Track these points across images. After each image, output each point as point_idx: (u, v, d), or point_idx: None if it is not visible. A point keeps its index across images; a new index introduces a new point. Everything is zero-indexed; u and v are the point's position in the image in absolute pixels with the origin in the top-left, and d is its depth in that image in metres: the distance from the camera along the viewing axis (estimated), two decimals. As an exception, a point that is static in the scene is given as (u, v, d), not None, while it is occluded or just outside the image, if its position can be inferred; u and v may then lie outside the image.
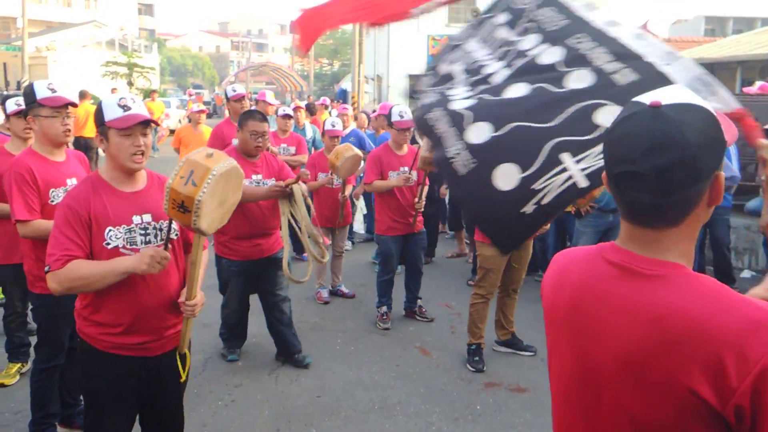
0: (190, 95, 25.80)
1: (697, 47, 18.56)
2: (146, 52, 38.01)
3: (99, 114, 2.23)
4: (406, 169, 4.80)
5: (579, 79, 2.09)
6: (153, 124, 2.30)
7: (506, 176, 2.03)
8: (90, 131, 10.55)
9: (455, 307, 5.47)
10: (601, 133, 1.90)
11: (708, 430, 0.99)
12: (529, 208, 1.97)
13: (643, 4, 22.80)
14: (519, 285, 4.47)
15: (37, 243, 2.94)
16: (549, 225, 4.43)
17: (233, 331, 4.33)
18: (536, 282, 6.09)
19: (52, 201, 2.93)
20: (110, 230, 2.19)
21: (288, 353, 4.26)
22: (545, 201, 1.94)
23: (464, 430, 3.50)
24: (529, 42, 2.36)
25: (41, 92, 2.93)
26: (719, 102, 1.77)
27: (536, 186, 1.96)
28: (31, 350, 3.72)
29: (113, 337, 2.24)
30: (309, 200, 3.94)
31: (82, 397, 2.42)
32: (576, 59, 2.14)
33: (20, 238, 2.99)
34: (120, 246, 2.21)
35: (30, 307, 3.33)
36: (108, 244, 2.19)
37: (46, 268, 2.13)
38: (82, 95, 11.28)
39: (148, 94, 17.75)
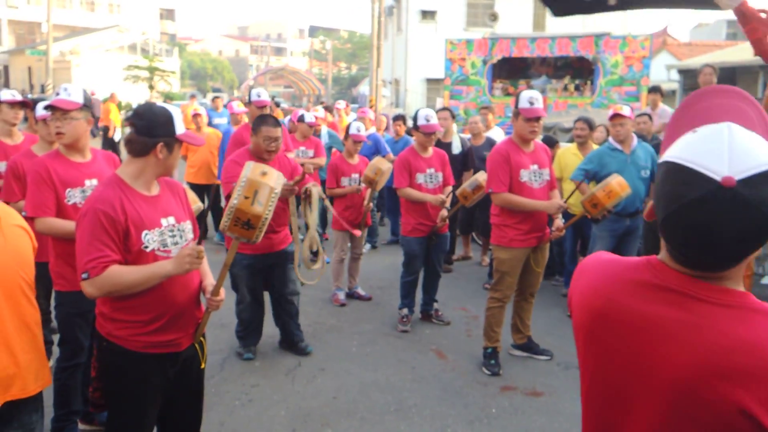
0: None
1: (718, 51, 18.36)
2: (167, 56, 38.57)
3: (169, 126, 2.28)
4: (441, 197, 4.80)
5: None
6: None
7: None
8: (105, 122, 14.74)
9: (471, 311, 5.46)
10: None
11: None
12: None
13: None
14: (536, 289, 4.46)
15: (58, 241, 3.02)
16: (564, 231, 4.38)
17: (248, 328, 4.42)
18: (553, 286, 6.06)
19: (68, 200, 3.00)
20: (147, 233, 2.24)
21: (292, 343, 4.52)
22: None
23: (480, 434, 3.50)
24: None
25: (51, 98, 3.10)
26: None
27: None
28: (54, 348, 3.80)
29: (146, 336, 2.28)
30: (327, 202, 3.99)
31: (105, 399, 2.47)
32: None
33: (44, 236, 3.06)
34: (156, 249, 2.26)
35: (54, 304, 3.41)
36: (146, 247, 2.23)
37: (85, 275, 2.13)
38: (111, 97, 15.66)
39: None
